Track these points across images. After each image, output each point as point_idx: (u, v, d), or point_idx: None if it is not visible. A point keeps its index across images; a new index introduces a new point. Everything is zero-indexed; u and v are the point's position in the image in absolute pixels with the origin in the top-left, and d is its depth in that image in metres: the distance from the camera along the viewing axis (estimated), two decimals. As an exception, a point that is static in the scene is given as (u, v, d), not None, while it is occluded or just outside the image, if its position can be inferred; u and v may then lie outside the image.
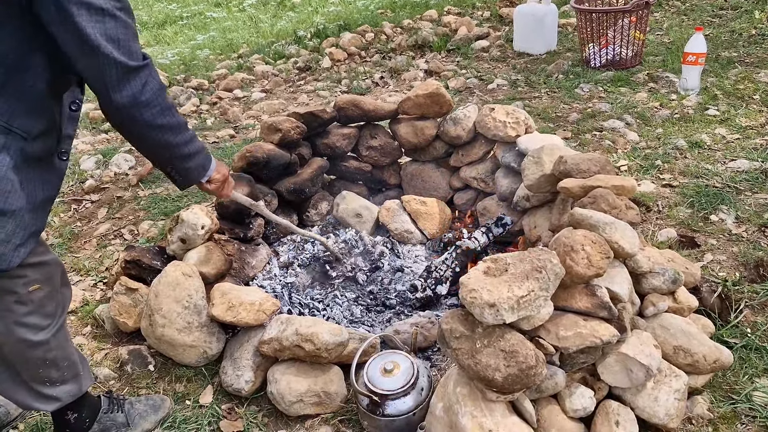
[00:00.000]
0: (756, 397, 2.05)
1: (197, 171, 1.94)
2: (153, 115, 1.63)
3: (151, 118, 1.63)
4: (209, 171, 2.01)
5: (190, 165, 1.88)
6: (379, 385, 2.02)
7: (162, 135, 1.70)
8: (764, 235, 2.76)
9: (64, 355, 1.89)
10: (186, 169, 1.88)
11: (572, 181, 2.40)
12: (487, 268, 1.85)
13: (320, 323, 2.26)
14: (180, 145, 1.78)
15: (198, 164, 1.92)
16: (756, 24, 5.79)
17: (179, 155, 1.81)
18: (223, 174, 2.10)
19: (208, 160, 1.99)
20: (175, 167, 1.86)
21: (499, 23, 7.15)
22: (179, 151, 1.79)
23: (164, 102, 1.65)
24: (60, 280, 1.87)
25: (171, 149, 1.77)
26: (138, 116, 1.60)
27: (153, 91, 1.60)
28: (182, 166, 1.86)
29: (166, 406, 2.25)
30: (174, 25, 9.51)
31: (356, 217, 3.29)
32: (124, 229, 3.59)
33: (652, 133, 3.91)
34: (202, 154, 1.93)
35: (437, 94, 3.21)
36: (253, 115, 5.32)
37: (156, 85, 1.62)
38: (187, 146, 1.81)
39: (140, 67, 1.56)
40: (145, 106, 1.60)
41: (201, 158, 1.92)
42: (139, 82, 1.56)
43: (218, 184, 2.10)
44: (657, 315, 2.11)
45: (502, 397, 1.78)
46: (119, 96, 1.54)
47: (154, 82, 1.61)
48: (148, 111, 1.61)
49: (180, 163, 1.85)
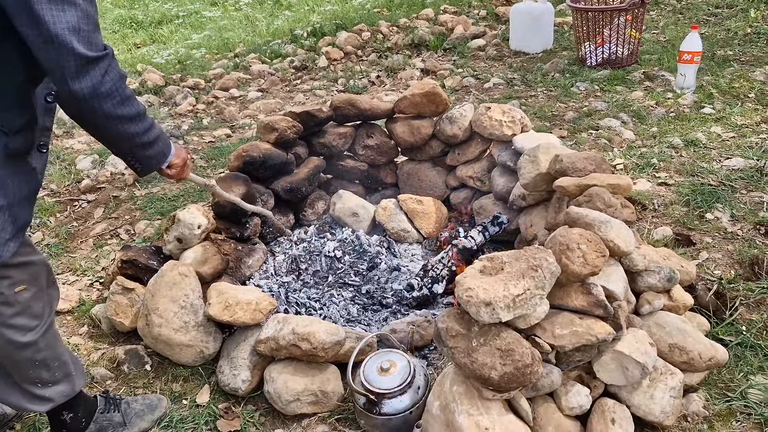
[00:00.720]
0: (751, 395, 2.06)
1: (157, 158, 1.90)
2: (113, 106, 1.60)
3: (110, 108, 1.59)
4: (169, 157, 1.96)
5: (150, 152, 1.84)
6: (376, 383, 2.02)
7: (122, 125, 1.66)
8: (759, 233, 2.77)
9: (54, 355, 1.88)
10: (146, 156, 1.84)
11: (568, 179, 2.40)
12: (483, 267, 1.86)
13: (317, 322, 2.26)
14: (139, 134, 1.74)
15: (158, 151, 1.88)
16: (751, 23, 5.80)
17: (139, 143, 1.77)
18: (182, 158, 2.05)
19: (168, 146, 1.94)
20: (135, 156, 1.82)
21: (496, 22, 7.16)
22: (139, 139, 1.76)
23: (124, 92, 1.62)
24: (46, 280, 1.86)
25: (131, 139, 1.73)
26: (97, 107, 1.57)
27: (113, 82, 1.57)
28: (142, 154, 1.82)
29: (163, 405, 2.25)
30: (170, 24, 9.49)
31: (353, 216, 3.29)
32: (121, 229, 3.58)
33: (647, 131, 3.92)
34: (162, 141, 1.89)
35: (433, 93, 3.22)
36: (249, 115, 5.31)
37: (116, 75, 1.58)
38: (146, 134, 1.77)
39: (100, 58, 1.52)
40: (105, 96, 1.56)
41: (161, 145, 1.88)
42: (98, 73, 1.53)
43: (178, 169, 2.04)
44: (652, 313, 2.12)
45: (498, 396, 1.79)
46: (78, 86, 1.51)
47: (114, 72, 1.57)
48: (107, 102, 1.58)
49: (140, 151, 1.80)
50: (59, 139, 5.00)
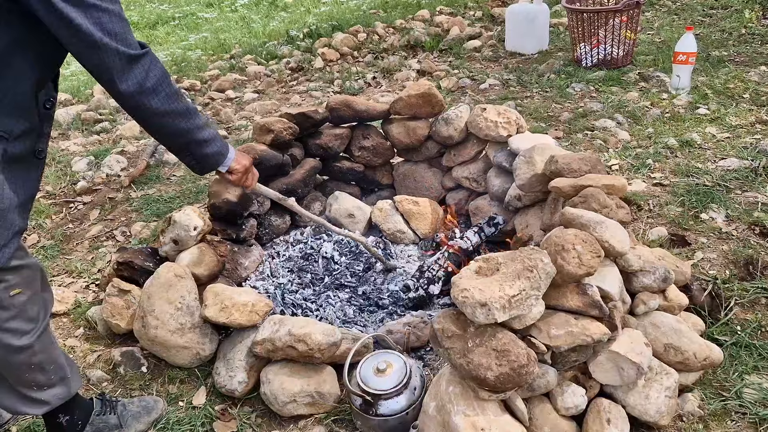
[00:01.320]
0: (746, 394, 2.07)
1: (215, 157, 1.96)
2: (160, 101, 1.66)
3: (158, 104, 1.66)
4: (228, 159, 2.03)
5: (207, 151, 1.91)
6: (372, 384, 2.03)
7: (172, 121, 1.73)
8: (754, 233, 2.78)
9: (50, 358, 1.87)
10: (204, 155, 1.91)
11: (563, 180, 2.41)
12: (479, 268, 1.87)
13: (313, 324, 2.26)
14: (193, 131, 1.81)
15: (215, 151, 1.94)
16: (746, 23, 5.82)
17: (194, 140, 1.84)
18: (243, 165, 2.11)
19: (226, 148, 2.01)
20: (192, 153, 1.88)
21: (491, 23, 7.17)
22: (193, 136, 1.82)
23: (170, 88, 1.68)
24: (41, 283, 1.85)
25: (184, 135, 1.80)
26: (146, 103, 1.65)
27: (157, 78, 1.64)
28: (199, 151, 1.89)
29: (159, 407, 2.25)
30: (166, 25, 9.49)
31: (349, 218, 3.29)
32: (117, 231, 3.58)
33: (643, 132, 3.93)
34: (219, 141, 1.95)
35: (429, 94, 3.22)
36: (245, 116, 5.31)
37: (159, 71, 1.65)
38: (200, 132, 1.84)
39: (141, 55, 1.60)
40: (152, 92, 1.63)
41: (218, 145, 1.94)
42: (142, 69, 1.60)
43: (239, 174, 2.12)
44: (648, 313, 2.13)
45: (494, 396, 1.79)
46: (126, 85, 1.59)
47: (157, 69, 1.64)
48: (155, 97, 1.65)
49: (196, 148, 1.87)
50: (55, 140, 4.99)
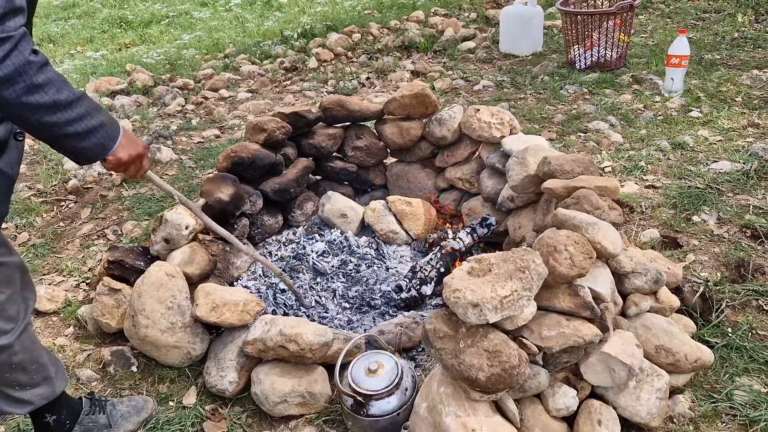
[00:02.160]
0: (736, 396, 2.07)
1: (94, 149, 1.65)
2: (15, 93, 1.42)
3: (12, 96, 1.42)
4: (112, 149, 1.69)
5: (83, 144, 1.61)
6: (364, 385, 2.02)
7: (32, 115, 1.48)
8: (745, 235, 2.79)
9: (32, 358, 1.84)
10: (78, 148, 1.62)
11: (556, 181, 2.41)
12: (471, 269, 1.86)
13: (305, 324, 2.25)
14: (61, 125, 1.53)
15: (95, 143, 1.63)
16: (739, 27, 5.85)
17: (63, 135, 1.56)
18: (117, 158, 1.72)
19: (110, 139, 1.67)
20: (63, 147, 1.61)
21: (486, 24, 7.18)
22: (61, 131, 1.54)
23: (33, 79, 1.43)
24: (21, 282, 1.81)
25: (49, 129, 1.53)
26: None
27: (14, 66, 1.39)
28: (72, 145, 1.60)
29: (149, 407, 2.24)
30: (160, 24, 9.45)
31: (342, 218, 3.29)
32: (108, 230, 3.56)
33: (636, 134, 3.94)
34: (101, 133, 1.63)
35: (423, 94, 3.22)
36: (238, 115, 5.30)
37: (20, 60, 1.40)
38: (73, 125, 1.55)
39: (3, 39, 1.36)
40: (4, 83, 1.39)
41: (98, 137, 1.63)
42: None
43: (111, 165, 1.75)
44: (639, 315, 2.13)
45: (485, 397, 1.79)
46: None
47: (19, 56, 1.40)
48: (8, 89, 1.40)
49: (67, 142, 1.59)
50: (46, 138, 4.96)
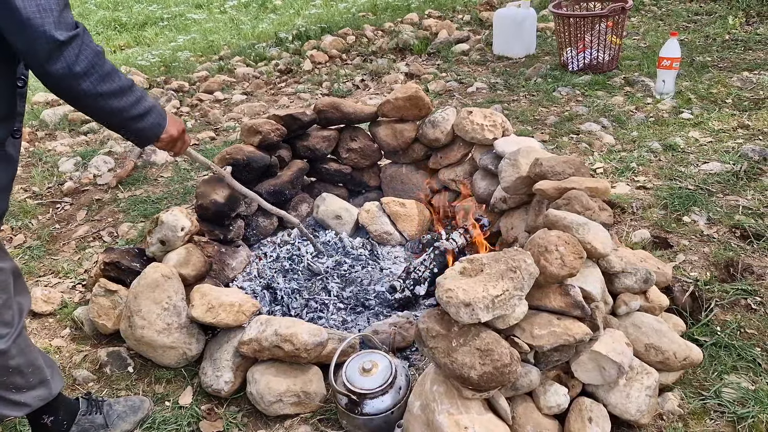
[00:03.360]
0: (725, 393, 2.11)
1: (153, 129, 1.88)
2: (92, 84, 1.59)
3: (90, 87, 1.58)
4: (165, 127, 1.94)
5: (144, 125, 1.83)
6: (358, 384, 2.04)
7: (106, 102, 1.65)
8: (735, 236, 2.83)
9: (27, 361, 1.86)
10: (140, 129, 1.83)
11: (547, 183, 2.44)
12: (463, 269, 1.89)
13: (300, 324, 2.28)
14: (127, 108, 1.73)
15: (152, 123, 1.86)
16: (730, 29, 5.90)
17: (129, 117, 1.76)
18: (170, 135, 1.99)
19: (162, 117, 1.92)
20: (128, 129, 1.82)
21: (479, 27, 7.22)
22: (128, 113, 1.75)
23: (102, 69, 1.60)
24: (16, 286, 1.83)
25: (119, 114, 1.72)
26: (76, 87, 1.57)
27: (88, 60, 1.55)
28: (135, 126, 1.81)
29: (146, 407, 2.26)
30: (154, 26, 9.45)
31: (336, 219, 3.31)
32: (104, 231, 3.57)
33: (627, 135, 3.98)
34: (155, 112, 1.87)
35: (416, 97, 3.25)
36: (233, 117, 5.31)
37: (90, 53, 1.56)
38: (135, 108, 1.76)
39: (71, 38, 1.51)
40: (82, 76, 1.55)
41: (154, 117, 1.86)
42: (72, 53, 1.51)
43: (163, 143, 2.00)
44: (629, 314, 2.16)
45: (477, 395, 1.81)
46: (53, 68, 1.51)
47: (88, 50, 1.55)
48: (85, 81, 1.57)
49: (132, 124, 1.80)
50: (42, 141, 4.97)
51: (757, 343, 2.30)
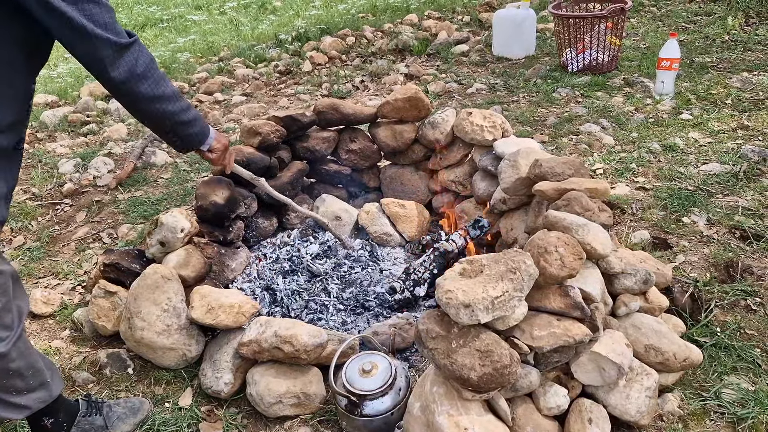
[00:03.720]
0: (725, 394, 2.11)
1: (198, 137, 2.10)
2: (150, 87, 1.76)
3: (148, 89, 1.75)
4: (209, 138, 2.17)
5: (191, 131, 2.04)
6: (358, 385, 2.04)
7: (161, 105, 1.83)
8: (734, 236, 2.83)
9: (27, 364, 1.86)
10: (188, 134, 2.04)
11: (547, 184, 2.44)
12: (463, 270, 1.89)
13: (300, 325, 2.28)
14: (178, 113, 1.91)
15: (198, 130, 2.07)
16: (729, 30, 5.91)
17: (179, 122, 1.95)
18: (223, 144, 2.26)
19: (207, 128, 2.14)
20: (177, 133, 2.00)
21: (479, 27, 7.22)
22: (179, 117, 1.93)
23: (157, 73, 1.78)
24: (15, 290, 1.83)
25: (171, 117, 1.90)
26: (136, 89, 1.73)
27: (146, 64, 1.72)
28: (184, 132, 2.01)
29: (145, 408, 2.26)
30: (154, 27, 9.46)
31: (336, 220, 3.31)
32: (103, 233, 3.57)
33: (627, 136, 3.98)
34: (201, 121, 2.08)
35: (416, 98, 3.25)
36: (233, 119, 5.32)
37: (147, 58, 1.73)
38: (185, 113, 1.95)
39: (131, 43, 1.68)
40: (142, 78, 1.72)
41: (200, 125, 2.07)
42: (131, 57, 1.68)
43: (219, 153, 2.26)
44: (629, 315, 2.16)
45: (477, 396, 1.81)
46: (117, 73, 1.66)
47: (144, 55, 1.72)
48: (144, 83, 1.74)
49: (181, 129, 1.99)
50: (41, 142, 4.97)
51: (757, 344, 2.30)
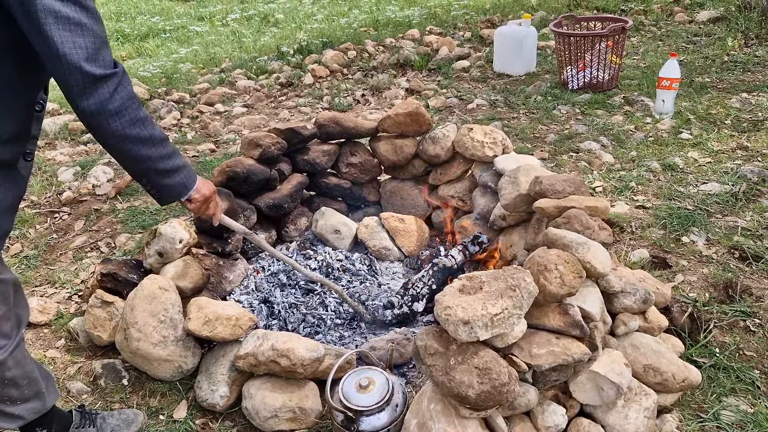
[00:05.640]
0: (723, 416, 2.10)
1: (177, 188, 1.86)
2: (122, 125, 1.58)
3: (119, 128, 1.58)
4: (192, 190, 1.92)
5: (168, 182, 1.81)
6: (355, 401, 2.03)
7: (133, 146, 1.64)
8: (733, 257, 2.83)
9: (23, 373, 1.85)
10: (163, 185, 1.81)
11: (547, 201, 2.44)
12: (462, 286, 1.88)
13: (297, 339, 2.26)
14: (155, 159, 1.71)
15: (178, 182, 1.83)
16: (729, 51, 5.94)
17: (155, 170, 1.74)
18: (202, 194, 1.98)
19: (191, 180, 1.90)
20: (151, 182, 1.79)
21: (480, 44, 7.26)
22: (154, 165, 1.72)
23: (136, 113, 1.61)
24: (15, 298, 1.82)
25: (144, 162, 1.70)
26: (105, 125, 1.57)
27: (122, 101, 1.56)
28: (159, 182, 1.79)
29: (139, 420, 2.24)
30: (157, 38, 9.50)
31: (335, 234, 3.30)
32: (101, 242, 3.56)
33: (626, 155, 3.99)
34: (184, 172, 1.84)
35: (417, 113, 3.26)
36: (234, 130, 5.32)
37: (126, 95, 1.57)
38: (163, 161, 1.74)
39: (108, 76, 1.52)
40: (113, 115, 1.56)
41: (182, 176, 1.84)
42: (106, 90, 1.52)
43: (197, 204, 1.99)
44: (628, 334, 2.15)
45: (475, 414, 1.80)
46: (85, 104, 1.52)
47: (124, 91, 1.57)
48: (116, 121, 1.57)
49: (157, 178, 1.77)
50: (41, 150, 4.97)
51: (756, 366, 2.29)
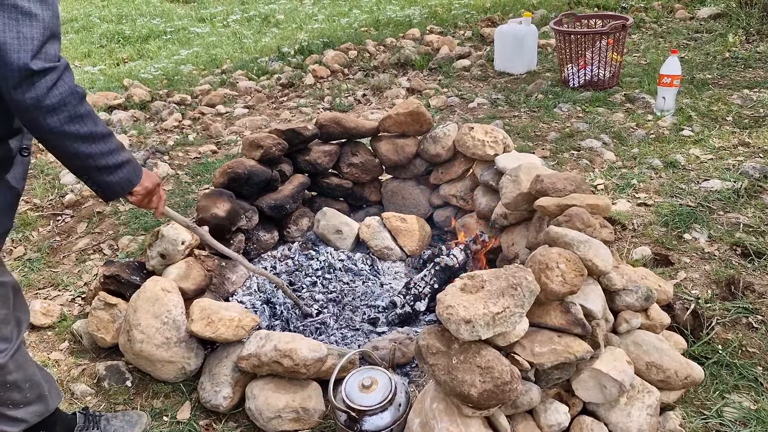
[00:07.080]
0: (726, 413, 2.09)
1: (120, 185, 1.77)
2: (59, 122, 1.51)
3: (56, 124, 1.51)
4: (137, 184, 1.84)
5: (112, 179, 1.72)
6: (357, 400, 2.03)
7: (71, 143, 1.57)
8: (735, 253, 2.83)
9: (25, 376, 1.85)
10: (106, 182, 1.72)
11: (548, 199, 2.44)
12: (464, 285, 1.88)
13: (299, 339, 2.27)
14: (96, 157, 1.63)
15: (122, 178, 1.75)
16: (730, 47, 5.93)
17: (96, 167, 1.66)
18: (145, 188, 1.89)
19: (135, 175, 1.81)
20: (93, 179, 1.70)
21: (481, 43, 7.26)
22: (95, 162, 1.64)
23: (75, 109, 1.53)
24: (15, 302, 1.83)
25: (84, 160, 1.62)
26: (41, 121, 1.49)
27: (61, 96, 1.49)
28: (102, 179, 1.71)
29: (143, 422, 2.24)
30: (158, 39, 9.50)
31: (336, 234, 3.31)
32: (104, 244, 3.57)
33: (628, 152, 3.99)
34: (128, 167, 1.76)
35: (418, 112, 3.26)
36: (235, 131, 5.33)
37: (66, 90, 1.50)
38: (105, 158, 1.66)
39: (47, 70, 1.45)
40: (50, 110, 1.48)
41: (125, 172, 1.75)
42: (44, 85, 1.45)
43: (139, 197, 1.91)
44: (630, 331, 2.15)
45: (477, 413, 1.80)
46: (20, 97, 1.44)
47: (64, 87, 1.49)
48: (53, 117, 1.49)
49: (99, 175, 1.69)
50: (43, 152, 4.98)
51: (759, 362, 2.29)
